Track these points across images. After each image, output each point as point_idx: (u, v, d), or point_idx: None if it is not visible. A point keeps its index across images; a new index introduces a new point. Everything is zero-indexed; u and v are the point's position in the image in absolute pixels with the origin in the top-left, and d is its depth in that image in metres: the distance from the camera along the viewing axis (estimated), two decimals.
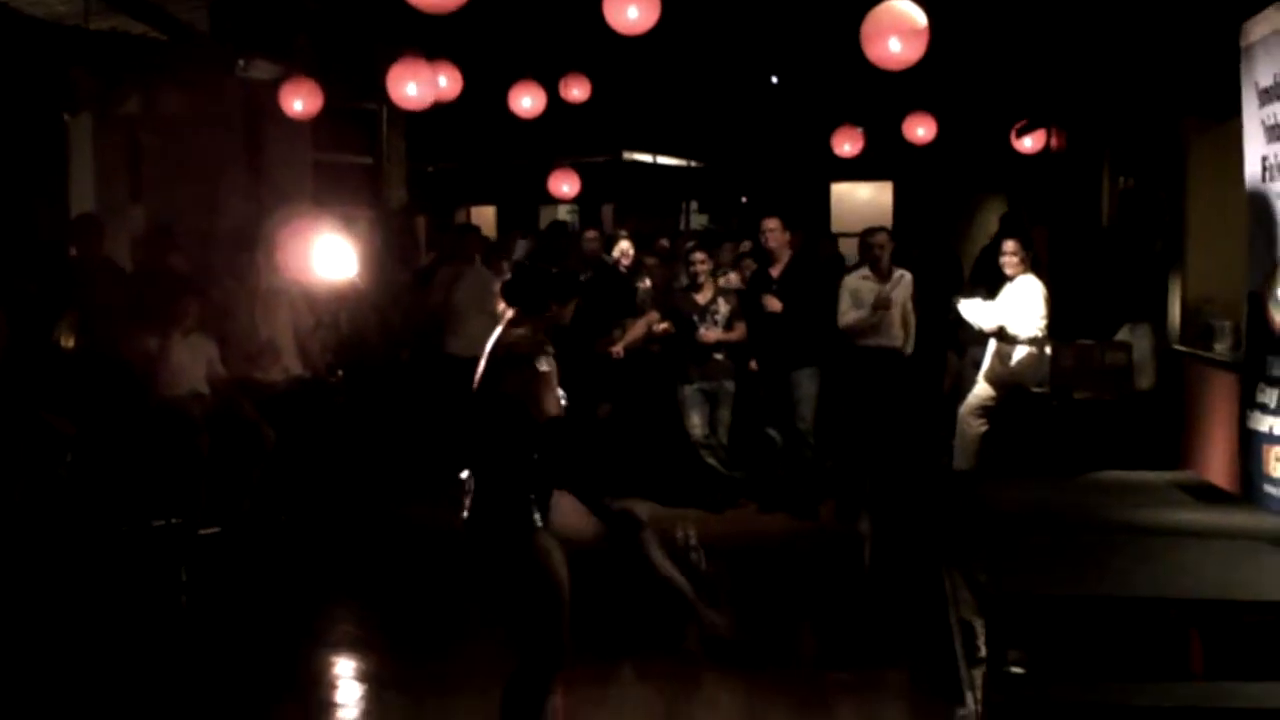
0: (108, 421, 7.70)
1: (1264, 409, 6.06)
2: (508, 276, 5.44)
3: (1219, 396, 7.04)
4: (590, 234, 11.45)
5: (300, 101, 9.70)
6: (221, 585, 7.37)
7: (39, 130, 9.68)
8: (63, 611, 6.66)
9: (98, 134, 10.31)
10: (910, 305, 9.52)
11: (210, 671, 6.03)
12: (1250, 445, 6.20)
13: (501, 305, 4.69)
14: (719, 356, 9.27)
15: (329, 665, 6.38)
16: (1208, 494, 6.46)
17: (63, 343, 7.91)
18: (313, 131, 11.08)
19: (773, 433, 9.40)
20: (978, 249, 12.17)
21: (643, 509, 5.05)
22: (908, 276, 9.47)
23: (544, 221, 15.58)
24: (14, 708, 5.47)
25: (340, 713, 5.71)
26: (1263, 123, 6.19)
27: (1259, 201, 6.22)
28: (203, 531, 7.75)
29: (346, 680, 6.19)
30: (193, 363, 8.11)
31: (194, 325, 8.21)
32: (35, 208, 9.56)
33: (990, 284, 8.99)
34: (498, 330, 4.63)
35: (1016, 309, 8.53)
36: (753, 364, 9.29)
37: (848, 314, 9.17)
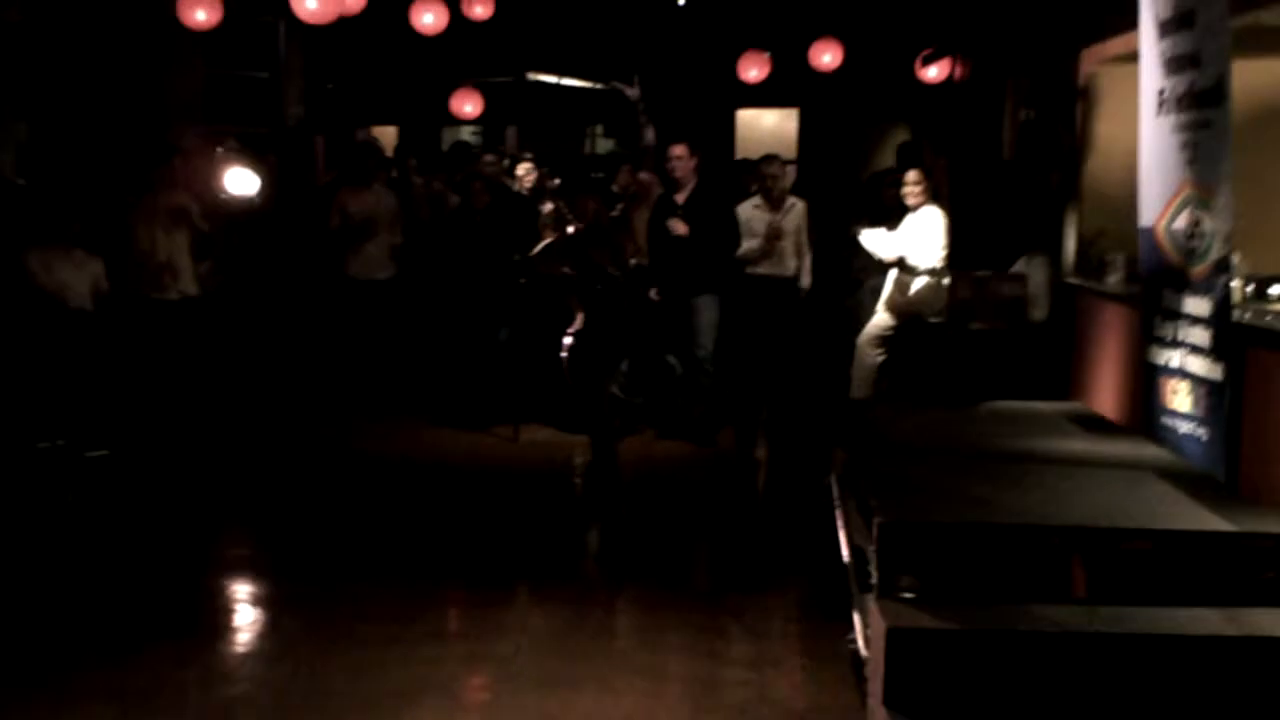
0: None
1: (1160, 342, 6.17)
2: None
3: (1110, 329, 7.16)
4: (489, 157, 11.30)
5: (201, 12, 9.42)
6: (109, 509, 7.24)
7: None
8: None
9: None
10: (805, 235, 9.63)
11: (98, 598, 5.92)
12: (1148, 378, 6.32)
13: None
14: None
15: (220, 589, 6.31)
16: (1096, 425, 6.60)
17: None
18: (208, 43, 10.76)
19: (672, 359, 9.42)
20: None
21: None
22: (800, 205, 9.62)
23: (447, 143, 15.34)
24: None
25: (234, 637, 5.66)
26: (1160, 55, 6.24)
27: (1152, 135, 6.30)
28: (90, 454, 7.59)
29: (239, 604, 6.13)
30: (79, 280, 7.89)
31: (79, 242, 7.97)
32: None
33: (874, 215, 9.07)
34: None
35: (917, 239, 8.60)
36: (653, 291, 9.27)
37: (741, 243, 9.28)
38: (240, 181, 9.40)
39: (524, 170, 10.64)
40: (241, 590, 6.32)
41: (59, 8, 10.24)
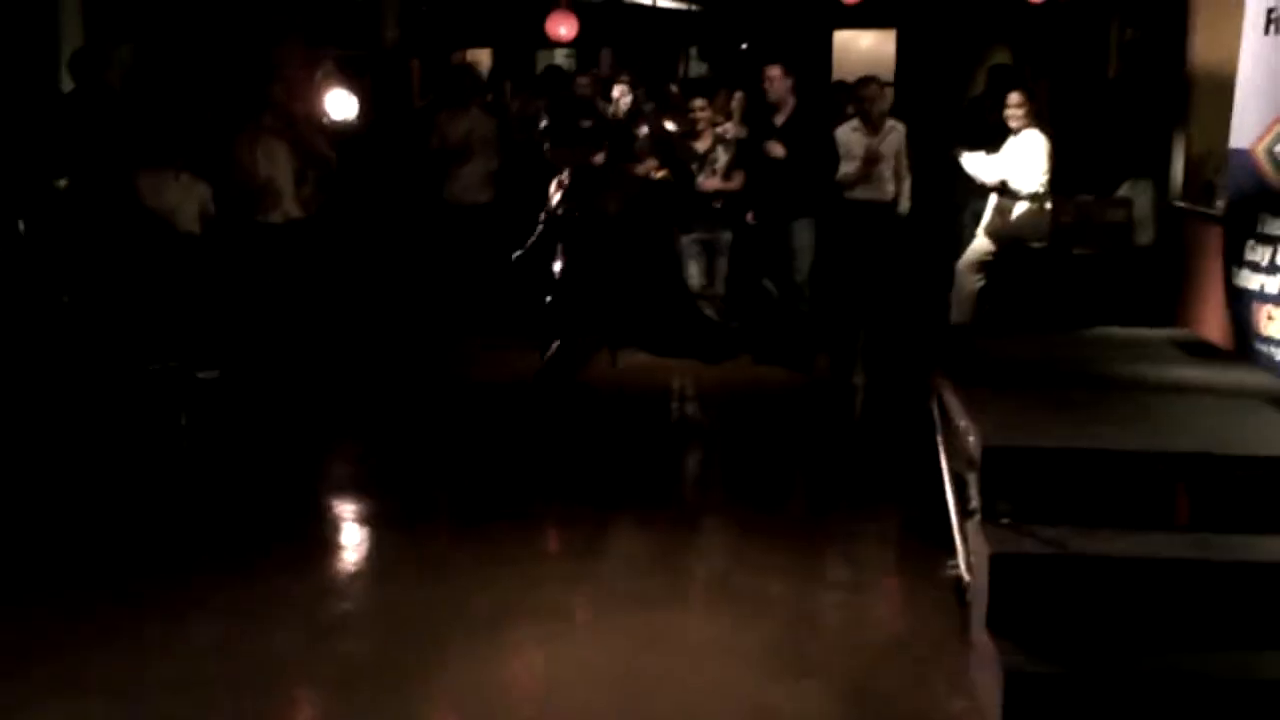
0: (102, 262, 7.65)
1: (1254, 267, 6.05)
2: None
3: (1217, 253, 7.02)
4: (582, 80, 11.25)
5: None
6: (221, 430, 7.43)
7: None
8: (62, 456, 6.71)
9: None
10: (904, 158, 9.52)
11: (210, 516, 6.11)
12: (1240, 303, 6.21)
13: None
14: (717, 205, 9.24)
15: (329, 508, 6.47)
16: (1203, 351, 6.50)
17: (57, 181, 7.85)
18: None
19: (769, 284, 9.40)
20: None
21: None
22: (900, 128, 9.49)
23: (541, 66, 15.32)
24: (14, 554, 5.54)
25: (342, 554, 5.81)
26: None
27: (1258, 54, 6.13)
28: (201, 375, 7.77)
29: (347, 523, 6.28)
30: (186, 202, 8.02)
31: (186, 165, 8.11)
32: (25, 46, 9.37)
33: (974, 139, 8.92)
34: None
35: (1019, 163, 8.47)
36: (749, 215, 9.24)
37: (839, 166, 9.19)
38: (339, 104, 9.48)
39: (619, 92, 10.60)
40: (349, 510, 6.47)
41: None
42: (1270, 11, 6.06)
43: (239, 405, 7.71)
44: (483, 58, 15.16)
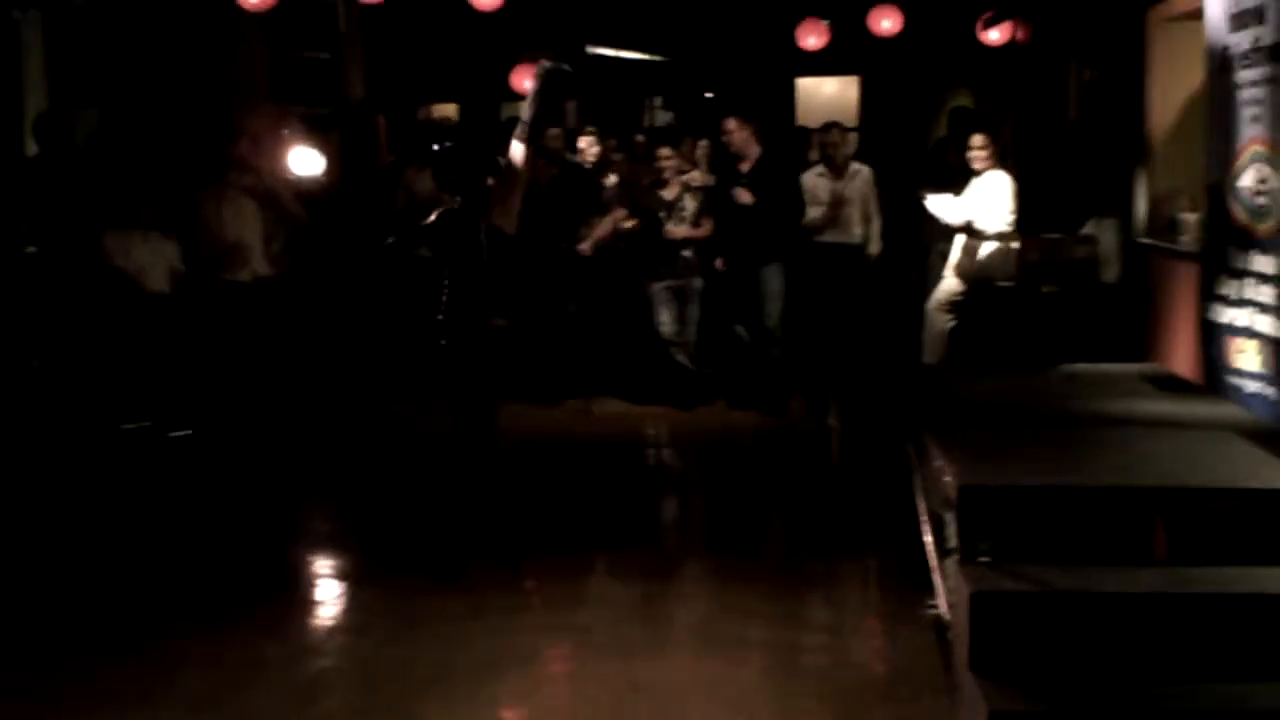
0: (72, 324, 7.62)
1: (1225, 300, 6.13)
2: None
3: (1184, 288, 7.11)
4: (552, 131, 11.30)
5: None
6: (193, 487, 7.38)
7: None
8: (37, 517, 6.65)
9: (48, 30, 10.06)
10: (873, 200, 9.64)
11: (186, 574, 6.05)
12: (1212, 337, 6.28)
13: None
14: (687, 254, 9.29)
15: (305, 565, 6.42)
16: (1172, 385, 6.56)
17: (25, 248, 7.81)
18: (270, 25, 10.86)
19: (740, 330, 9.44)
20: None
21: None
22: (865, 171, 9.66)
23: (506, 118, 15.39)
24: None
25: (319, 611, 5.76)
26: (1226, 12, 6.18)
27: (1219, 92, 6.23)
28: (173, 434, 7.73)
29: (323, 579, 6.23)
30: (155, 262, 8.01)
31: (153, 225, 8.10)
32: None
33: (938, 181, 9.03)
34: None
35: (984, 203, 8.55)
36: (719, 262, 9.29)
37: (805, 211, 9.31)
38: (304, 161, 9.49)
39: (586, 143, 10.65)
40: (324, 566, 6.43)
41: None
42: (1225, 49, 6.17)
43: (212, 463, 7.66)
44: (449, 112, 15.22)
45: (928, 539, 5.37)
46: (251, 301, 8.39)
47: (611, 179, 10.01)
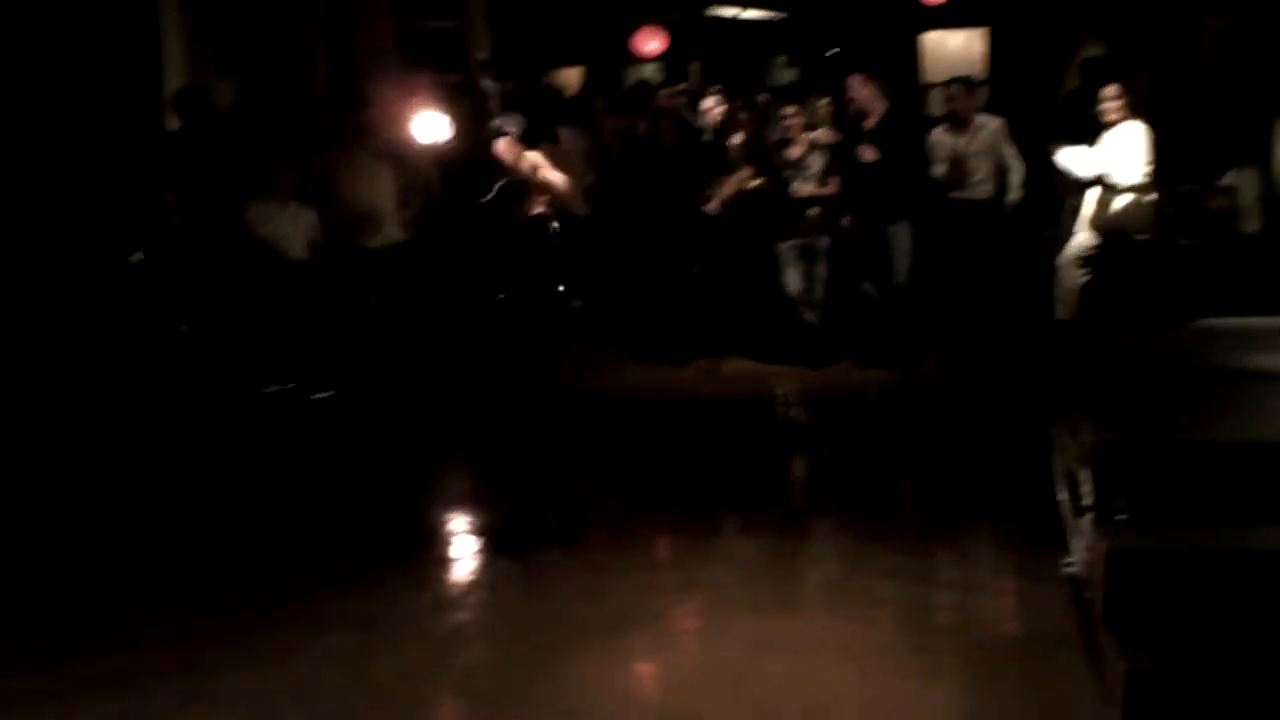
0: (217, 292, 7.87)
1: None
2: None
3: None
4: (663, 92, 11.28)
5: None
6: (336, 447, 7.60)
7: (129, 6, 9.73)
8: (185, 478, 6.92)
9: (185, 7, 10.34)
10: (1007, 150, 9.48)
11: (328, 532, 6.25)
12: None
13: None
14: (813, 212, 9.25)
15: (442, 522, 6.58)
16: None
17: (170, 219, 8.07)
18: None
19: (868, 287, 9.39)
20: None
21: None
22: (993, 123, 9.49)
23: (631, 82, 15.43)
24: (139, 574, 5.73)
25: (456, 567, 5.91)
26: None
27: None
28: (316, 396, 7.95)
29: (459, 536, 6.38)
30: (294, 231, 8.22)
31: (293, 193, 8.30)
32: (129, 84, 9.66)
33: (1070, 134, 8.83)
34: None
35: (1119, 155, 8.36)
36: (846, 220, 9.24)
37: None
38: (432, 126, 9.62)
39: (711, 103, 10.63)
40: (461, 523, 6.57)
41: None
42: None
43: (351, 424, 7.87)
44: (573, 77, 15.30)
45: (1062, 496, 5.33)
46: (385, 267, 8.56)
47: (737, 138, 10.00)
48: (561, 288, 5.96)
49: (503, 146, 5.93)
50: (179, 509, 6.48)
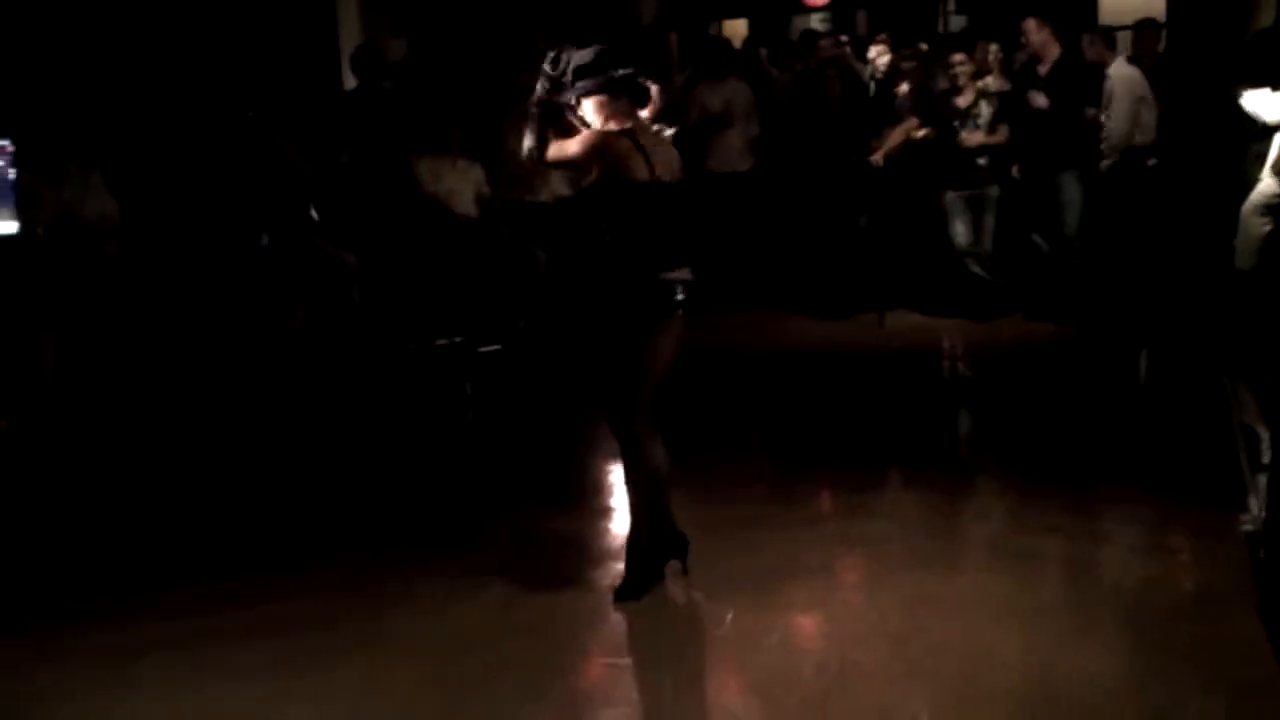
0: (389, 248, 8.09)
1: None
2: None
3: None
4: (824, 42, 11.13)
5: None
6: (503, 398, 7.76)
7: None
8: (363, 426, 7.16)
9: None
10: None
11: (496, 479, 6.40)
12: None
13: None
14: (982, 161, 9.06)
15: (601, 469, 6.66)
16: None
17: (343, 175, 8.31)
18: None
19: (1038, 239, 9.17)
20: None
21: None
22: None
23: (796, 31, 15.25)
24: (322, 512, 5.98)
25: (617, 515, 5.99)
26: None
27: None
28: (483, 349, 8.13)
29: (613, 486, 6.45)
30: (463, 186, 8.37)
31: (461, 151, 8.45)
32: (307, 42, 9.95)
33: (1260, 76, 8.42)
34: None
35: None
36: (1015, 169, 9.03)
37: None
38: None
39: (876, 51, 10.47)
40: (619, 471, 6.62)
41: None
42: None
43: (519, 376, 8.01)
44: (739, 28, 15.20)
45: (1241, 454, 5.16)
46: (550, 220, 8.67)
47: (904, 88, 9.83)
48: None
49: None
50: (355, 459, 6.72)
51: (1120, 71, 8.88)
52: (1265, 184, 8.25)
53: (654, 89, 4.99)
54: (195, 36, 8.95)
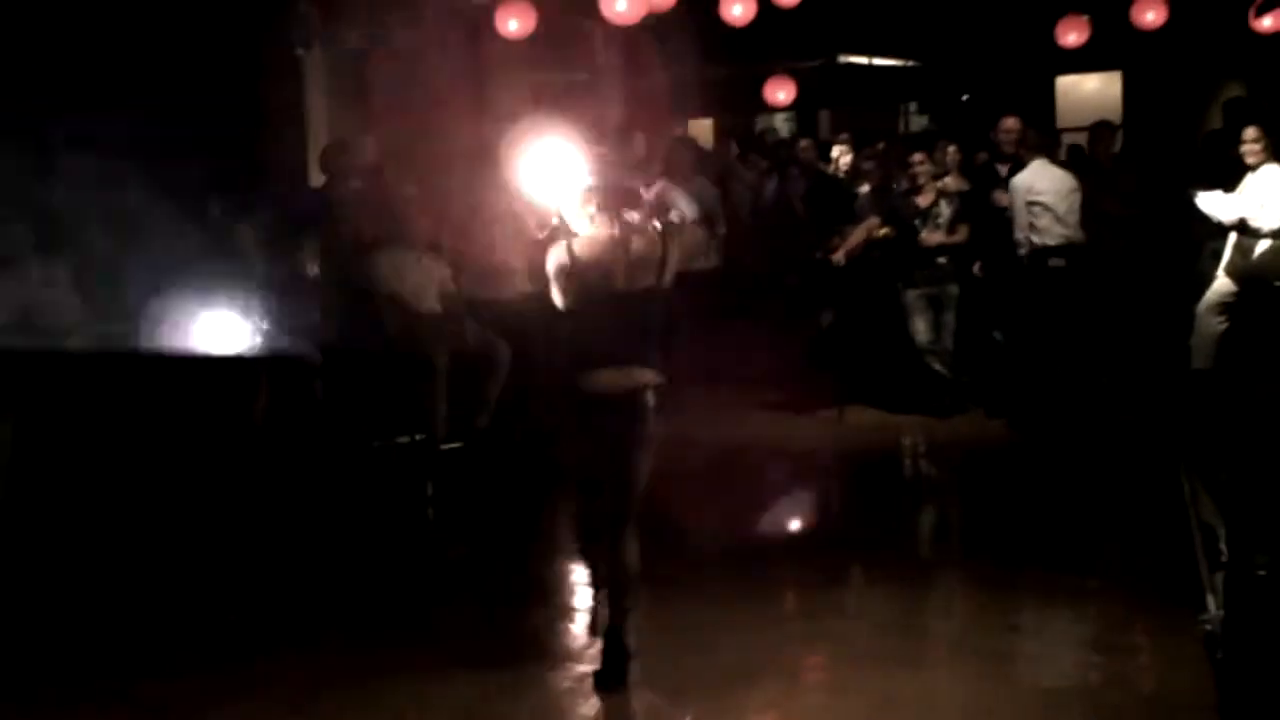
0: (353, 346, 8.08)
1: None
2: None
3: None
4: (804, 142, 11.36)
5: (514, 21, 9.87)
6: (464, 497, 7.72)
7: (275, 66, 10.12)
8: (323, 523, 7.11)
9: (328, 67, 10.72)
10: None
11: (456, 577, 6.35)
12: None
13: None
14: (942, 260, 9.17)
15: (569, 571, 6.62)
16: None
17: (306, 271, 8.32)
18: (529, 51, 11.25)
19: (998, 335, 9.26)
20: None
21: None
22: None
23: (760, 131, 15.50)
24: (277, 608, 5.91)
25: (579, 616, 5.94)
26: None
27: None
28: (445, 447, 8.11)
29: (583, 586, 6.41)
30: (427, 283, 8.40)
31: (426, 247, 8.49)
32: (276, 140, 10.03)
33: (1210, 177, 8.62)
34: None
35: (1260, 200, 8.15)
36: (977, 267, 9.14)
37: None
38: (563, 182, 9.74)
39: (839, 152, 10.66)
40: (583, 571, 6.59)
41: (396, 31, 10.95)
42: None
43: (480, 474, 7.98)
44: (704, 126, 15.43)
45: (1199, 552, 5.18)
46: (516, 317, 8.69)
47: (864, 187, 9.99)
48: None
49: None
50: (316, 555, 6.66)
51: (1021, 178, 9.00)
52: (1220, 283, 8.41)
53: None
54: (161, 126, 8.98)
